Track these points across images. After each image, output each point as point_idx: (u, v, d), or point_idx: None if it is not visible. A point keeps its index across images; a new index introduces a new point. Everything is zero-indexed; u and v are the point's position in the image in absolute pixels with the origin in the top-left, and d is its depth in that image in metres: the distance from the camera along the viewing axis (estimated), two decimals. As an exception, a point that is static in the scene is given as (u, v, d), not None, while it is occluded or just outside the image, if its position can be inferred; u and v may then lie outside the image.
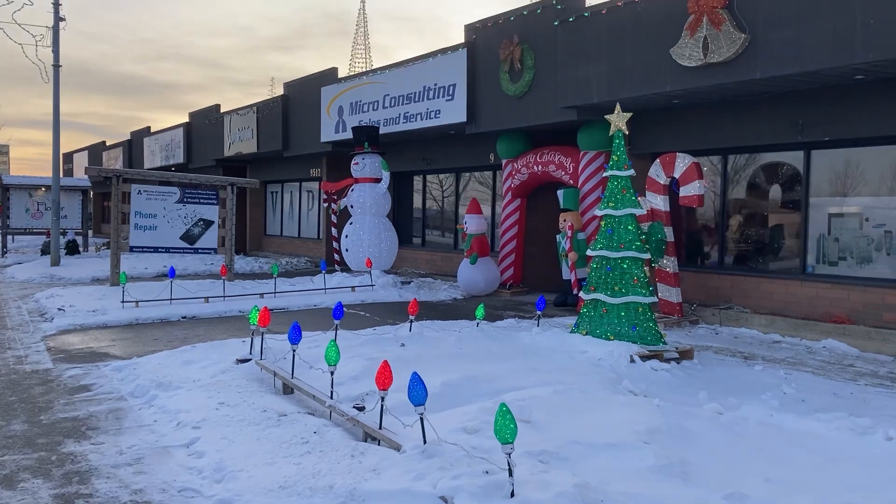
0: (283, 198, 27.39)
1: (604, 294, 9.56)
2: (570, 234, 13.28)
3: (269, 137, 23.97)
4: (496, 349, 9.14)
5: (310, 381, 7.37)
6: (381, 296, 15.13)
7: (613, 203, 9.70)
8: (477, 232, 15.54)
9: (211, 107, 28.79)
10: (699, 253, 13.35)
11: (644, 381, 8.14)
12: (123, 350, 10.00)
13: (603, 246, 9.68)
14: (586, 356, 8.99)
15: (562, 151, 14.29)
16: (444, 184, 19.61)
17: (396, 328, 10.90)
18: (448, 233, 19.45)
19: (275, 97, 23.86)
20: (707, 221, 13.25)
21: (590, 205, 13.76)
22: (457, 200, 19.03)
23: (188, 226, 17.34)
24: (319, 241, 24.53)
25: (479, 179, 18.50)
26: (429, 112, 16.40)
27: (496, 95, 14.89)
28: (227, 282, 16.95)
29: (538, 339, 9.77)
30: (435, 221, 20.17)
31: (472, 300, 15.15)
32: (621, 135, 9.86)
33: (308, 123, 21.85)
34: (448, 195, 19.51)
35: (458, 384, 7.21)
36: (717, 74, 10.61)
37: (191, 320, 12.59)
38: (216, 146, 27.66)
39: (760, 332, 11.50)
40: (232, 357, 8.88)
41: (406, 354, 8.54)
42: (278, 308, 13.76)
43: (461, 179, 18.98)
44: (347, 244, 17.02)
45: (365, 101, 18.56)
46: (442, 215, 19.88)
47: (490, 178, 17.97)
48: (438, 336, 9.64)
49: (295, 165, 24.91)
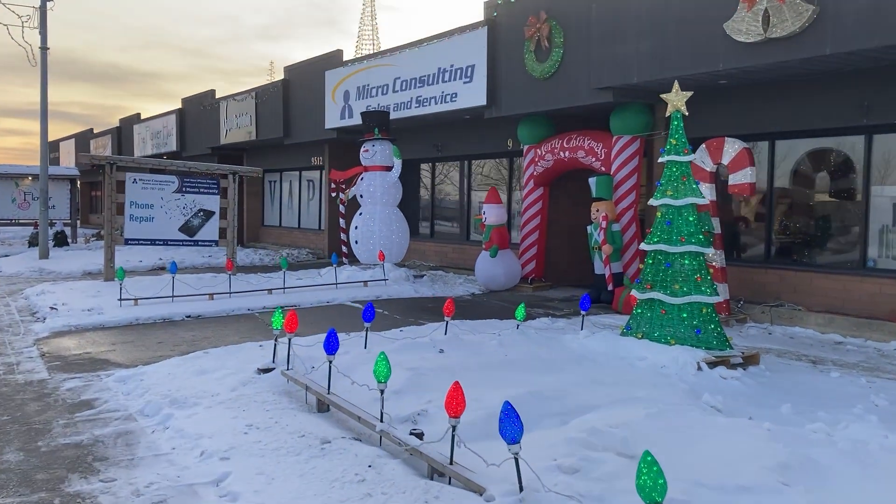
0: (282, 187, 26.31)
1: (662, 293, 8.62)
2: (604, 225, 12.33)
3: (268, 124, 22.88)
4: (545, 356, 8.21)
5: (345, 395, 6.41)
6: (395, 291, 14.15)
7: (672, 191, 8.75)
8: (497, 223, 14.58)
9: (205, 92, 27.63)
10: (743, 246, 12.43)
11: (719, 393, 7.23)
12: (126, 356, 8.99)
13: (660, 239, 8.74)
14: (647, 364, 8.07)
15: (592, 136, 13.33)
16: (455, 172, 18.61)
17: (426, 330, 9.94)
18: (458, 223, 18.47)
19: (274, 82, 22.76)
20: (752, 212, 12.33)
21: (624, 194, 12.82)
22: (469, 189, 18.05)
23: (187, 217, 16.29)
24: (321, 232, 23.49)
25: (494, 167, 17.51)
26: (444, 95, 15.39)
27: (520, 76, 13.89)
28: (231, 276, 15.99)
29: (588, 343, 8.83)
30: (445, 212, 19.19)
31: (492, 296, 14.21)
32: (680, 115, 8.91)
33: (311, 109, 20.78)
34: (459, 183, 18.50)
35: (522, 402, 6.25)
36: (778, 51, 9.66)
37: (196, 320, 11.57)
38: (211, 133, 26.53)
39: (818, 332, 10.62)
40: (251, 365, 7.90)
41: (448, 363, 7.59)
42: (289, 305, 12.75)
43: (473, 167, 17.98)
44: (357, 236, 16.02)
45: (373, 84, 17.52)
46: (452, 205, 18.89)
47: (506, 165, 16.99)
48: (477, 340, 8.67)
49: (295, 153, 23.85)
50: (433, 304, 13.14)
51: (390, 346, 8.27)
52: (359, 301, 13.31)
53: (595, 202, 12.65)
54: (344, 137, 19.77)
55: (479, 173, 17.98)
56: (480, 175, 17.96)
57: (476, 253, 17.04)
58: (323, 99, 19.68)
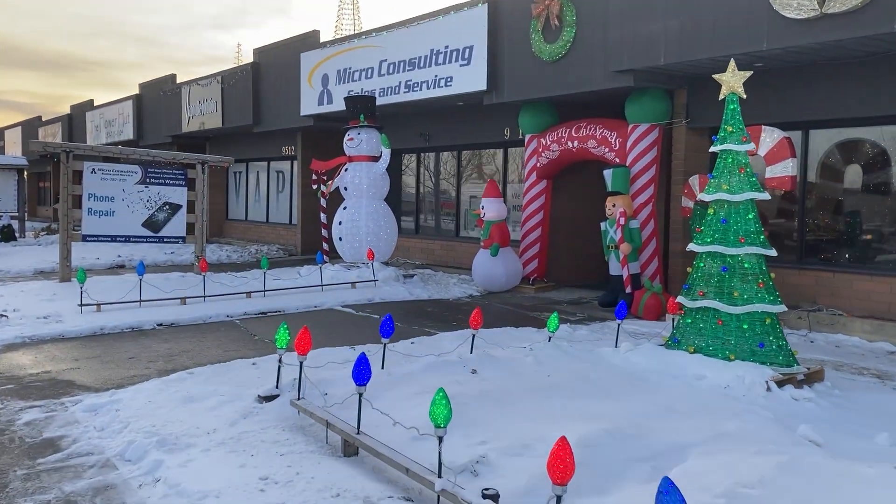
0: (249, 179, 24.79)
1: (718, 301, 7.54)
2: (622, 221, 11.25)
3: (236, 111, 21.37)
4: (592, 375, 7.08)
5: (372, 431, 5.20)
6: (387, 293, 12.91)
7: (728, 185, 7.68)
8: (497, 218, 13.42)
9: (165, 77, 25.93)
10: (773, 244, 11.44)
11: (801, 419, 6.21)
12: (94, 376, 7.62)
13: (715, 239, 7.66)
14: (707, 384, 7.01)
15: (605, 124, 12.23)
16: (444, 163, 17.39)
17: (441, 341, 8.75)
18: (447, 218, 17.27)
19: (243, 65, 21.23)
20: (783, 208, 11.37)
21: (641, 187, 11.77)
22: (458, 182, 16.86)
23: (152, 210, 14.83)
24: (292, 227, 22.08)
25: (488, 158, 16.33)
26: (437, 80, 14.16)
27: (525, 59, 12.73)
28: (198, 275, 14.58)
29: (632, 359, 7.73)
30: (432, 206, 17.96)
31: (493, 298, 13.07)
32: (736, 99, 7.83)
33: (284, 95, 19.35)
34: (448, 176, 17.30)
35: (599, 443, 5.11)
36: (835, 28, 8.65)
37: (169, 329, 10.19)
38: (172, 121, 24.87)
39: (864, 341, 9.69)
40: (249, 390, 6.63)
41: (487, 387, 6.41)
42: (272, 310, 11.46)
43: (465, 159, 16.79)
44: (341, 232, 14.72)
45: (356, 67, 16.20)
46: (440, 199, 17.67)
47: (501, 156, 15.83)
48: (508, 356, 7.51)
49: (264, 142, 22.36)
50: (433, 308, 11.94)
51: (412, 365, 7.07)
52: (349, 305, 12.05)
53: (610, 196, 11.57)
54: (321, 125, 18.40)
55: (471, 165, 16.79)
56: (472, 166, 16.77)
57: (466, 250, 15.90)
58: (298, 83, 18.28)
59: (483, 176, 16.44)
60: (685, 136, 11.72)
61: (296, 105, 18.54)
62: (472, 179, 16.70)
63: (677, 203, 11.86)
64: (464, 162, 16.78)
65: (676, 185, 11.88)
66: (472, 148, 16.27)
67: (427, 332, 9.75)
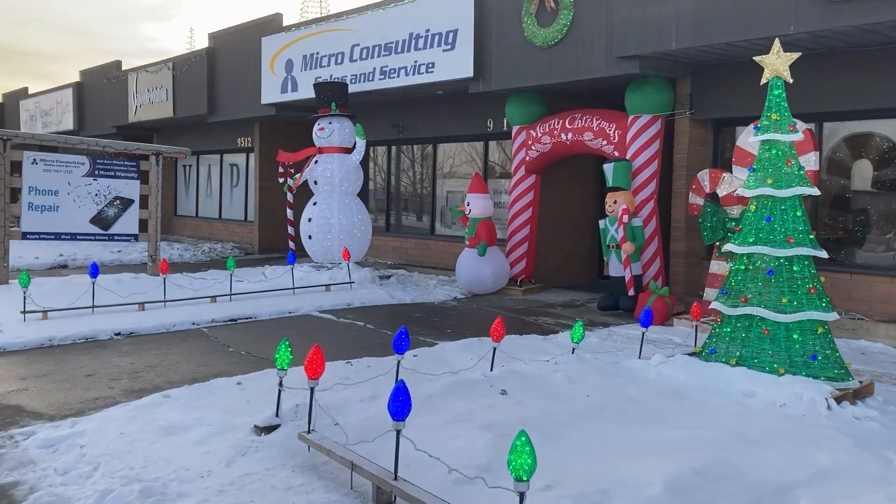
0: (199, 172, 23.37)
1: (764, 308, 6.77)
2: (626, 219, 10.45)
3: (189, 100, 19.99)
4: (632, 393, 6.23)
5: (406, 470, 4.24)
6: (366, 297, 11.88)
7: (773, 179, 6.91)
8: (483, 215, 12.51)
9: (109, 64, 24.30)
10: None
11: (876, 441, 5.48)
12: (47, 399, 6.45)
13: (759, 240, 6.89)
14: (760, 402, 6.22)
15: (602, 115, 11.42)
16: (418, 157, 16.40)
17: (447, 353, 7.80)
18: (425, 215, 16.29)
19: (197, 51, 19.86)
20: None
21: (643, 183, 11.00)
22: (434, 177, 15.89)
23: (101, 206, 13.49)
24: (248, 224, 20.81)
25: (467, 151, 15.40)
26: (417, 66, 13.17)
27: (516, 44, 11.84)
28: (153, 277, 13.34)
29: (668, 372, 6.90)
30: (404, 202, 16.94)
31: (480, 301, 12.16)
32: (781, 84, 7.07)
33: (242, 82, 18.10)
34: (423, 170, 16.31)
35: (690, 486, 4.25)
36: (875, 9, 7.95)
37: (130, 339, 9.00)
38: (117, 110, 23.29)
39: (891, 347, 9.07)
40: (241, 418, 5.59)
41: (526, 412, 5.50)
42: (242, 317, 10.34)
43: (442, 152, 15.82)
44: (311, 229, 13.62)
45: (324, 52, 15.08)
46: (415, 195, 16.69)
47: (481, 149, 14.91)
48: (534, 372, 6.61)
49: (218, 134, 21.02)
50: (420, 314, 10.97)
51: (430, 385, 6.11)
52: (327, 311, 10.99)
53: (611, 192, 10.76)
54: (284, 115, 17.22)
55: (446, 158, 15.83)
56: (449, 160, 15.81)
57: (444, 249, 14.98)
58: (258, 70, 17.05)
59: (462, 170, 15.52)
60: (688, 127, 10.99)
61: (256, 93, 17.32)
62: (449, 174, 15.75)
63: (680, 200, 11.13)
64: (440, 155, 15.81)
65: (679, 180, 11.14)
66: (451, 140, 15.32)
67: (426, 343, 8.78)
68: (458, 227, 15.38)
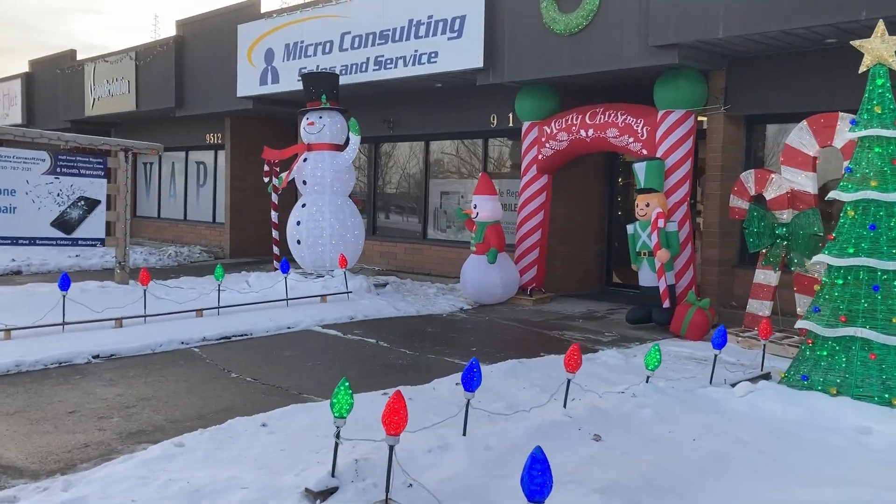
0: (162, 171, 21.87)
1: (870, 329, 5.91)
2: (661, 223, 9.54)
3: (154, 92, 18.55)
4: (739, 434, 5.35)
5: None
6: (368, 308, 10.76)
7: (878, 181, 6.04)
8: (492, 219, 11.50)
9: (63, 53, 22.62)
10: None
11: None
12: (25, 447, 5.22)
13: (862, 250, 6.03)
14: (884, 441, 5.35)
15: (629, 110, 10.50)
16: (409, 155, 15.30)
17: (497, 379, 6.76)
18: (416, 218, 15.20)
19: (163, 40, 18.41)
20: (838, 208, 9.95)
21: (676, 184, 10.10)
22: (426, 177, 14.81)
23: (63, 207, 12.10)
24: (218, 226, 19.44)
25: (465, 149, 14.35)
26: (418, 55, 12.08)
27: (532, 31, 10.84)
28: (122, 286, 12.07)
29: (760, 404, 5.99)
30: (393, 203, 15.83)
31: (489, 312, 11.14)
32: (886, 72, 6.20)
33: (215, 73, 16.78)
34: (415, 170, 15.22)
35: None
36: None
37: (112, 363, 7.75)
38: (72, 103, 21.65)
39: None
40: (283, 477, 4.48)
41: (643, 469, 4.54)
42: (236, 334, 9.14)
43: (436, 150, 14.75)
44: (300, 233, 12.44)
45: (310, 41, 13.89)
46: (405, 196, 15.58)
47: (481, 147, 13.88)
48: (616, 408, 5.60)
49: (184, 129, 19.60)
50: (432, 328, 9.91)
51: (504, 427, 5.06)
52: (329, 325, 9.86)
53: (643, 194, 9.84)
54: (263, 108, 15.97)
55: (443, 157, 14.76)
56: (443, 158, 14.75)
57: (437, 254, 13.94)
58: (233, 60, 15.76)
59: (459, 169, 14.49)
60: (723, 124, 10.14)
61: (230, 85, 16.03)
62: (444, 174, 14.70)
63: (713, 202, 10.29)
64: (434, 153, 14.74)
65: (712, 181, 10.29)
66: (448, 138, 14.26)
67: (456, 364, 7.74)
68: (453, 230, 14.36)
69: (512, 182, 12.98)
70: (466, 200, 14.05)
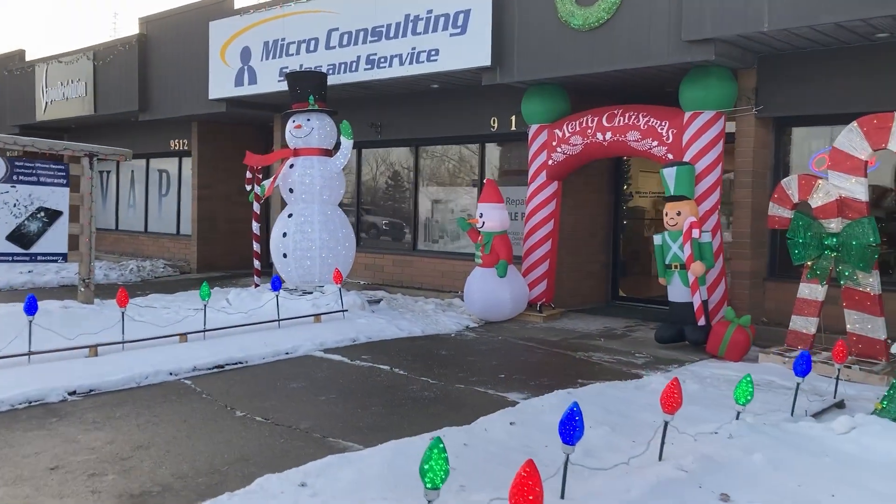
0: (120, 179, 20.51)
1: None
2: (696, 234, 8.77)
3: (115, 95, 17.26)
4: (878, 487, 4.47)
5: None
6: (367, 328, 9.77)
7: None
8: (500, 229, 10.64)
9: (11, 53, 21.09)
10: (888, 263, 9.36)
11: None
12: (5, 526, 4.15)
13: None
14: None
15: (651, 112, 9.74)
16: (398, 161, 14.34)
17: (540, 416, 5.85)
18: (405, 228, 14.23)
19: (125, 38, 17.14)
20: (892, 214, 9.36)
21: (706, 191, 9.37)
22: (416, 184, 13.88)
23: (21, 219, 10.86)
24: (182, 238, 18.21)
25: (459, 155, 13.45)
26: (416, 54, 11.17)
27: (548, 26, 10.02)
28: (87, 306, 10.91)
29: (872, 444, 5.17)
30: (381, 212, 14.84)
31: (498, 331, 10.25)
32: None
33: (184, 74, 15.61)
34: (403, 177, 14.26)
35: None
36: None
37: (92, 400, 6.64)
38: (22, 107, 20.15)
39: None
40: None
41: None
42: (230, 362, 8.07)
43: (425, 155, 13.83)
44: (287, 246, 11.39)
45: (293, 38, 12.87)
46: (393, 206, 14.61)
47: (476, 153, 13.00)
48: (722, 455, 4.74)
49: (146, 134, 18.33)
50: (447, 350, 8.98)
51: (609, 483, 4.16)
52: (331, 349, 8.85)
53: (672, 202, 9.06)
54: (236, 112, 14.86)
55: (435, 163, 13.84)
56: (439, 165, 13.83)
57: (428, 266, 13.07)
58: (205, 60, 14.63)
59: (452, 176, 13.58)
60: (754, 127, 9.45)
61: (200, 87, 14.90)
62: (436, 181, 13.78)
63: (743, 211, 9.59)
64: (426, 159, 13.82)
65: (742, 188, 9.59)
66: (443, 142, 13.34)
67: (490, 396, 6.85)
68: (446, 240, 13.47)
69: (513, 190, 12.12)
70: (460, 209, 13.17)
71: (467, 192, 13.13)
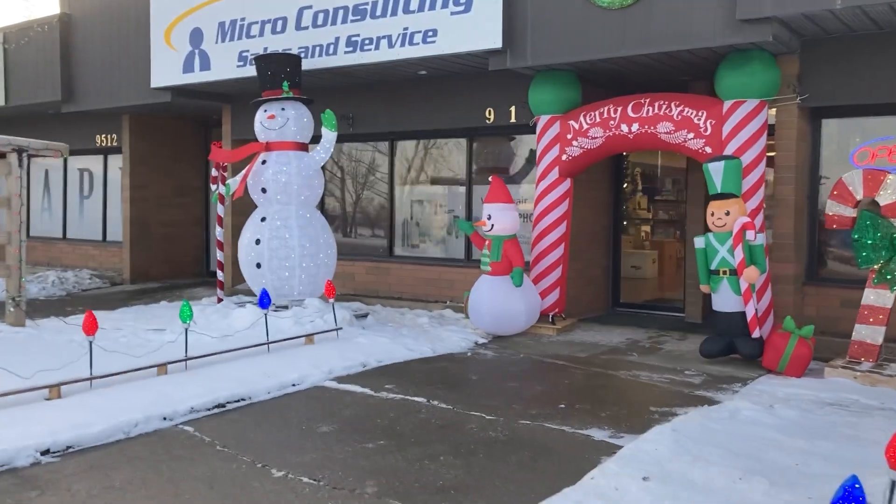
0: (32, 179, 18.23)
1: None
2: (750, 236, 7.86)
3: (30, 83, 15.16)
4: None
5: None
6: (374, 350, 8.43)
7: None
8: (510, 232, 9.49)
9: None
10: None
11: None
12: None
13: None
14: None
15: (685, 101, 8.79)
16: (372, 157, 12.97)
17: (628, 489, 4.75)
18: (379, 232, 12.88)
19: (44, 19, 15.05)
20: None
21: (751, 188, 8.49)
22: (392, 183, 12.56)
23: (-63, 225, 9.06)
24: (111, 245, 16.28)
25: (443, 150, 12.20)
26: (409, 34, 9.87)
27: (570, 3, 8.91)
28: (19, 330, 9.29)
29: None
30: (351, 214, 13.42)
31: (514, 346, 9.12)
32: None
33: (117, 60, 13.76)
34: (377, 175, 12.90)
35: None
36: None
37: (72, 461, 5.10)
38: (-86, 97, 17.66)
39: None
40: None
41: None
42: (231, 399, 6.62)
43: (403, 150, 12.52)
44: (261, 255, 9.91)
45: (254, 18, 11.33)
46: (369, 207, 13.22)
47: (464, 147, 11.79)
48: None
49: (65, 129, 16.24)
50: (475, 375, 7.79)
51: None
52: (343, 378, 7.49)
53: (719, 200, 8.11)
54: (182, 103, 13.16)
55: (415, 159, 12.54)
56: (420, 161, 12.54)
57: (409, 274, 11.87)
58: (144, 43, 12.87)
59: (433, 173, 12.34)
60: (797, 118, 8.64)
61: (138, 74, 13.12)
62: (415, 178, 12.50)
63: (786, 209, 8.77)
64: (404, 155, 12.51)
65: (785, 184, 8.77)
66: (427, 136, 12.05)
67: (569, 435, 5.66)
68: (428, 244, 12.24)
69: (513, 189, 10.97)
70: (447, 210, 11.97)
71: (452, 192, 11.93)
